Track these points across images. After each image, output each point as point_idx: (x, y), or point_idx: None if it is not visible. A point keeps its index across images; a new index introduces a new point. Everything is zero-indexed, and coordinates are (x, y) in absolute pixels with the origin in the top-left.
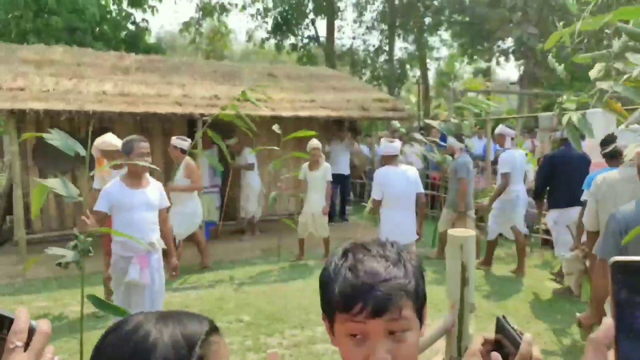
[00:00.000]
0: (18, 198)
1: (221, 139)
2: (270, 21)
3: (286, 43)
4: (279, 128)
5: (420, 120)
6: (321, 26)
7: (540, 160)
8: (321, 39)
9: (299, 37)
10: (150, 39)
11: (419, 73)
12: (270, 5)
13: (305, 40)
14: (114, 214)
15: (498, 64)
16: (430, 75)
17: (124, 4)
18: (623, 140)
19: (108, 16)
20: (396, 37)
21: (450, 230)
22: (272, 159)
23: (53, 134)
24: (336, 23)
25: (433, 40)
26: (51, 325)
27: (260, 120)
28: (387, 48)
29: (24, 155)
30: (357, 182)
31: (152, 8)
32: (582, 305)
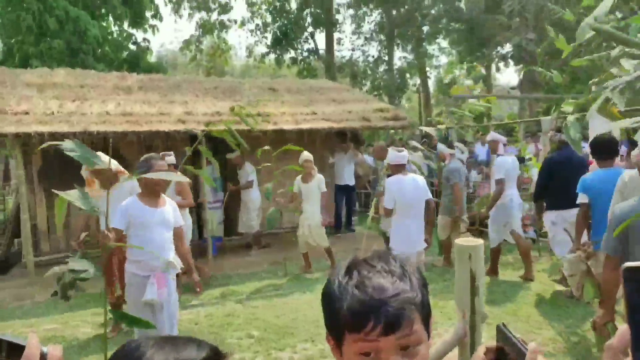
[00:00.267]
0: (25, 221)
1: (214, 154)
2: (269, 36)
3: (286, 57)
4: (269, 148)
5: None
6: (320, 39)
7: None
8: (321, 52)
9: (299, 51)
10: (151, 58)
11: (419, 81)
12: (269, 20)
13: (305, 54)
14: (131, 231)
15: (498, 69)
16: (430, 84)
17: (125, 24)
18: (595, 125)
19: (109, 37)
20: (395, 47)
21: (457, 240)
22: (272, 174)
23: (70, 144)
24: (335, 35)
25: (432, 48)
26: (62, 349)
27: (262, 134)
28: (387, 58)
29: (30, 179)
30: (362, 192)
31: (153, 27)
32: (594, 309)
